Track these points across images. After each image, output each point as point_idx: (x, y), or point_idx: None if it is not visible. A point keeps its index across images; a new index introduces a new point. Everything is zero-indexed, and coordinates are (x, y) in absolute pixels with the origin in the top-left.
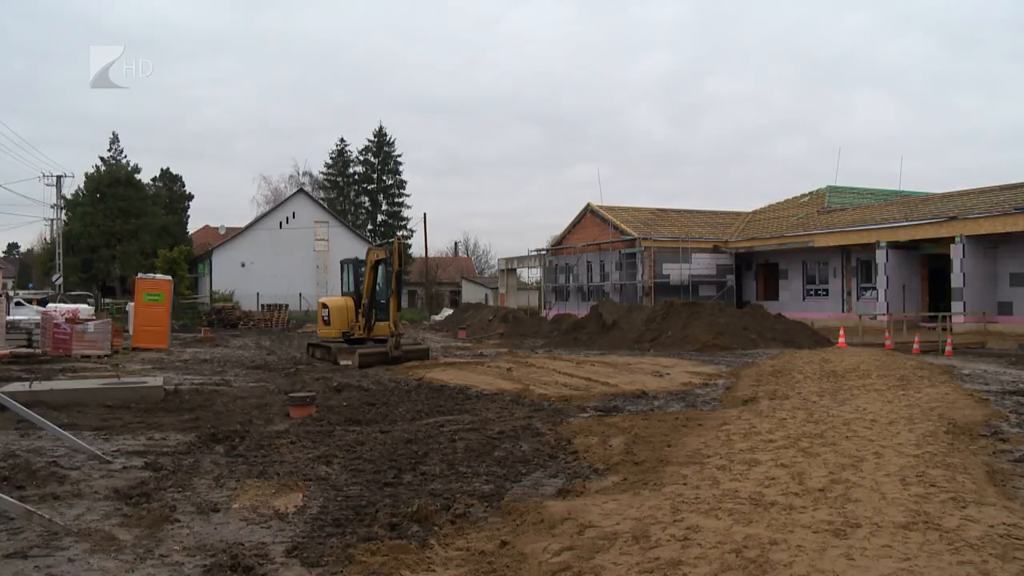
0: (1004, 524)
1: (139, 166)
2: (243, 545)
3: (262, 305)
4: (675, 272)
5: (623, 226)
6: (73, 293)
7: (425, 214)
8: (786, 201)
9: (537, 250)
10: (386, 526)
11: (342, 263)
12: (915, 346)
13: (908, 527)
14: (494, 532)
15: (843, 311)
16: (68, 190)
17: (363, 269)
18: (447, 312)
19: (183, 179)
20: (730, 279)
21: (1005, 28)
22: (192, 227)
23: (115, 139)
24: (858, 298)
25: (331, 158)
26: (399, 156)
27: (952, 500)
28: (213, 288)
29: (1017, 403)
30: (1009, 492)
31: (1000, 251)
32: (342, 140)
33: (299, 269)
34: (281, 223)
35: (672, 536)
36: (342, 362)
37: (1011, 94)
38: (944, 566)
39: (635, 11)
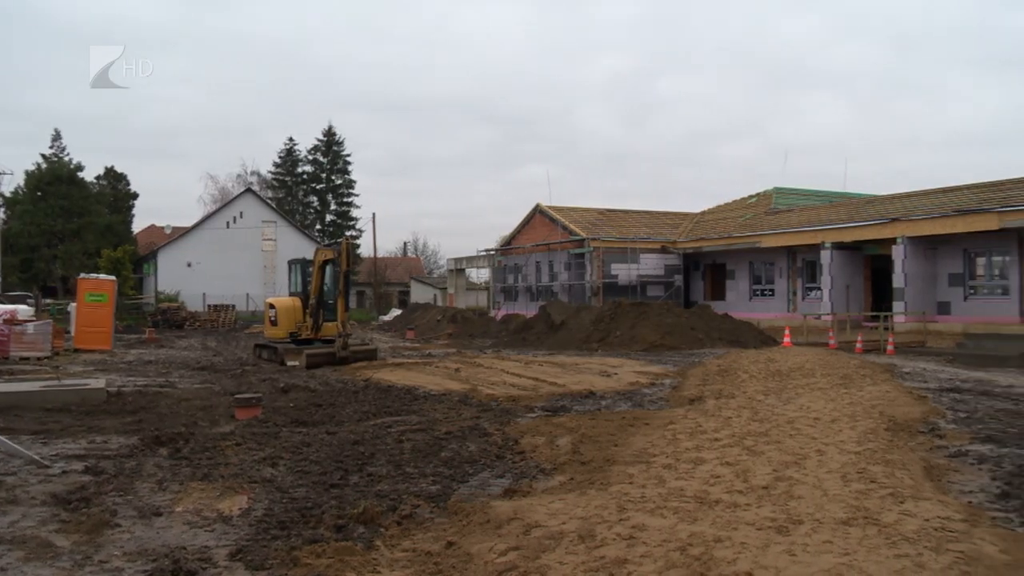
0: (939, 518)
1: (82, 164)
2: (185, 549)
3: (208, 305)
4: (624, 272)
5: (572, 226)
6: (12, 294)
7: (374, 214)
8: (734, 202)
9: (486, 250)
10: (332, 528)
11: (290, 263)
12: (858, 345)
13: (848, 523)
14: (440, 533)
15: (789, 311)
16: (7, 188)
17: (311, 269)
18: (396, 312)
19: (128, 178)
20: (678, 279)
21: (949, 36)
22: (137, 226)
23: (57, 136)
24: (803, 298)
25: (280, 157)
26: (348, 156)
27: (891, 496)
28: (158, 288)
29: (953, 400)
30: (944, 487)
31: (939, 252)
32: (291, 139)
33: (246, 269)
34: (228, 223)
35: (618, 535)
36: (289, 363)
37: (953, 100)
38: (882, 560)
39: (588, 11)
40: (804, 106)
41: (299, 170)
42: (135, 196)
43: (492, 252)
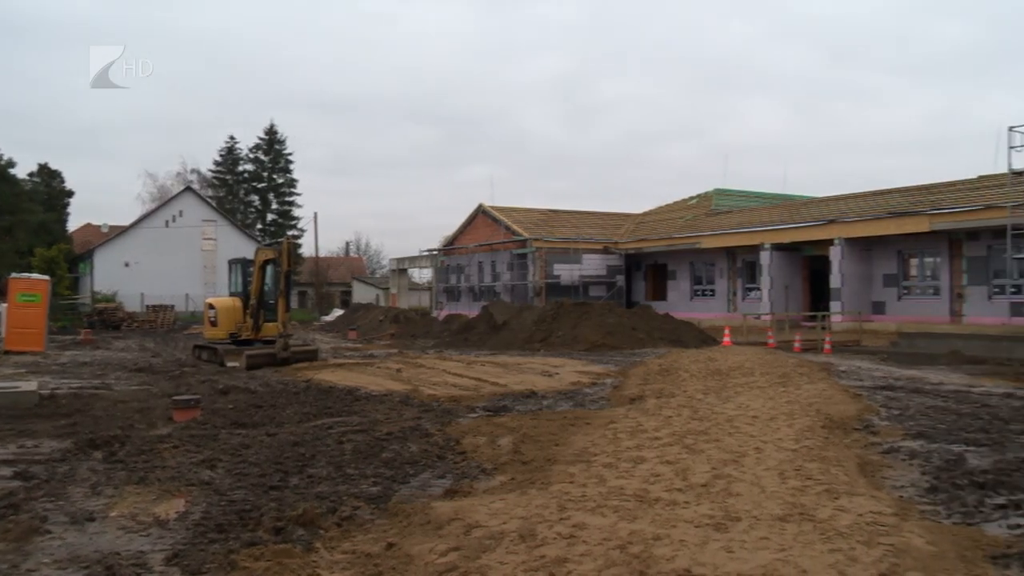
0: (871, 512)
1: (14, 160)
2: (119, 555)
3: (147, 306)
4: (566, 273)
5: (515, 227)
6: None
7: (316, 213)
8: (675, 203)
9: (429, 250)
10: (271, 530)
11: (230, 263)
12: (796, 344)
13: (785, 519)
14: (381, 534)
15: (729, 311)
16: None
17: (251, 269)
18: (338, 313)
19: (63, 175)
20: (620, 279)
21: (883, 42)
22: (72, 225)
23: None
24: (743, 298)
25: (220, 156)
26: (290, 154)
27: (826, 492)
28: (95, 288)
29: (887, 398)
30: (877, 482)
31: (874, 253)
32: (232, 138)
33: (186, 269)
34: (167, 221)
35: (558, 534)
36: (229, 364)
37: (887, 104)
38: (816, 554)
39: (530, 12)
40: (744, 108)
41: (240, 169)
42: (70, 194)
43: (435, 252)
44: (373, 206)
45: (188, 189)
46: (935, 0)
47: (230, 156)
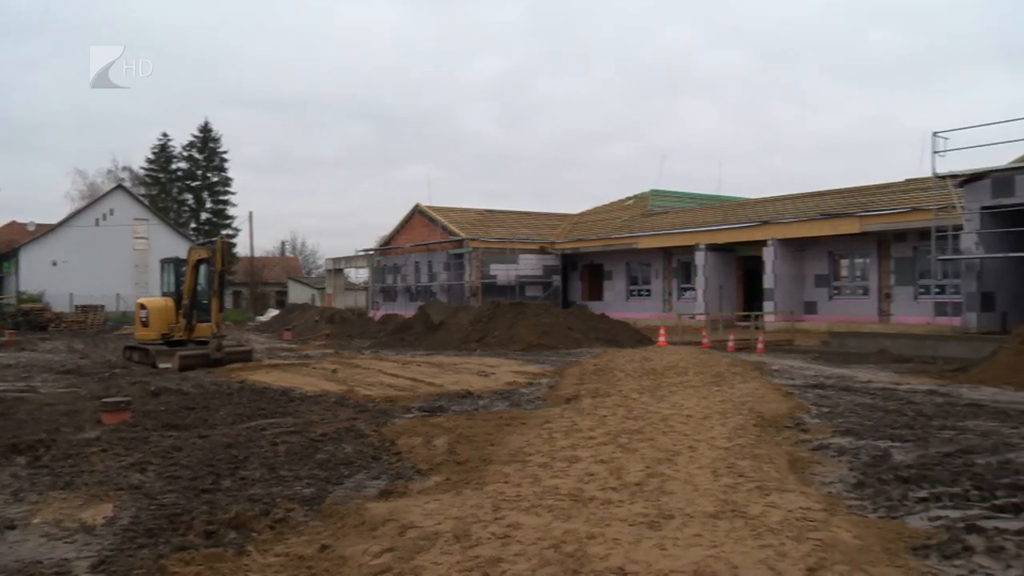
0: (801, 508)
1: None
2: (42, 563)
3: (76, 306)
4: (502, 273)
5: (451, 227)
6: None
7: (251, 212)
8: (611, 204)
9: (365, 250)
10: (202, 534)
11: (162, 262)
12: (730, 344)
13: (717, 516)
14: (314, 536)
15: (664, 311)
16: None
17: (184, 269)
18: (273, 313)
19: None
20: (556, 280)
21: (817, 46)
22: None
23: None
24: (678, 298)
25: (153, 153)
26: (225, 153)
27: (758, 489)
28: (20, 288)
29: (818, 396)
30: (807, 479)
31: (806, 254)
32: (165, 135)
33: (117, 268)
34: (98, 220)
35: (493, 534)
36: (161, 365)
37: (820, 107)
38: (747, 550)
39: (471, 12)
40: (680, 110)
41: (173, 167)
42: None
43: (371, 252)
44: (310, 205)
45: (119, 187)
46: (868, 7)
47: (163, 154)
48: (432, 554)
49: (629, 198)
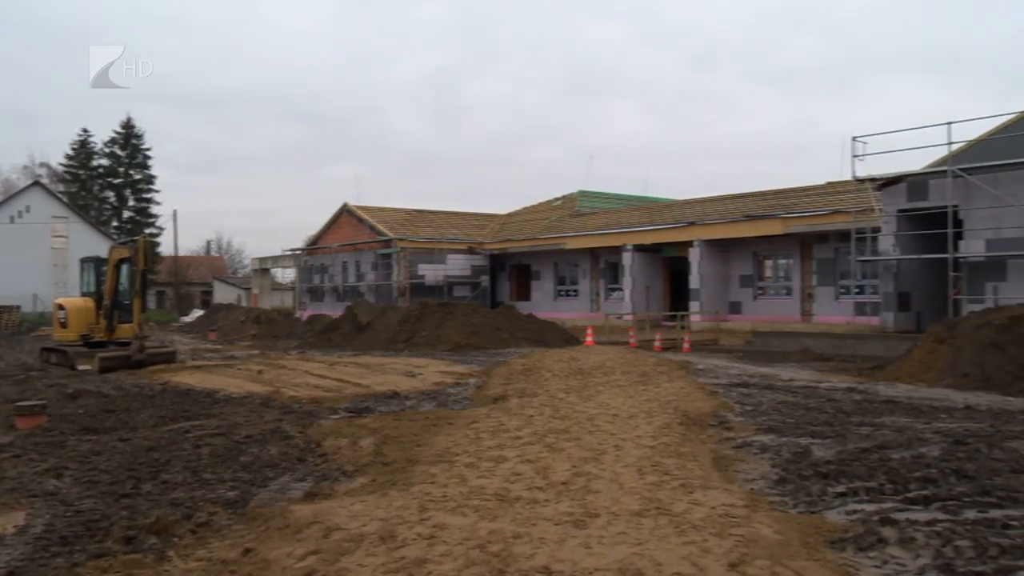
0: (724, 505)
1: None
2: None
3: None
4: (431, 273)
5: (379, 226)
6: None
7: (175, 211)
8: (540, 204)
9: (292, 250)
10: (120, 540)
11: (82, 261)
12: (656, 343)
13: (642, 514)
14: (238, 540)
15: (592, 311)
16: None
17: (105, 268)
18: (198, 313)
19: None
20: (484, 280)
21: (742, 51)
22: None
23: None
24: (606, 298)
25: (72, 149)
26: (148, 150)
27: (682, 486)
28: None
29: (741, 394)
30: (730, 476)
31: (731, 255)
32: (85, 131)
33: (34, 268)
34: (13, 217)
35: (418, 535)
36: (80, 367)
37: (744, 111)
38: (671, 547)
39: (399, 11)
40: (608, 112)
41: (94, 163)
42: None
43: (298, 252)
44: (236, 204)
45: (36, 183)
46: (791, 14)
47: (83, 150)
48: (357, 556)
49: (557, 199)
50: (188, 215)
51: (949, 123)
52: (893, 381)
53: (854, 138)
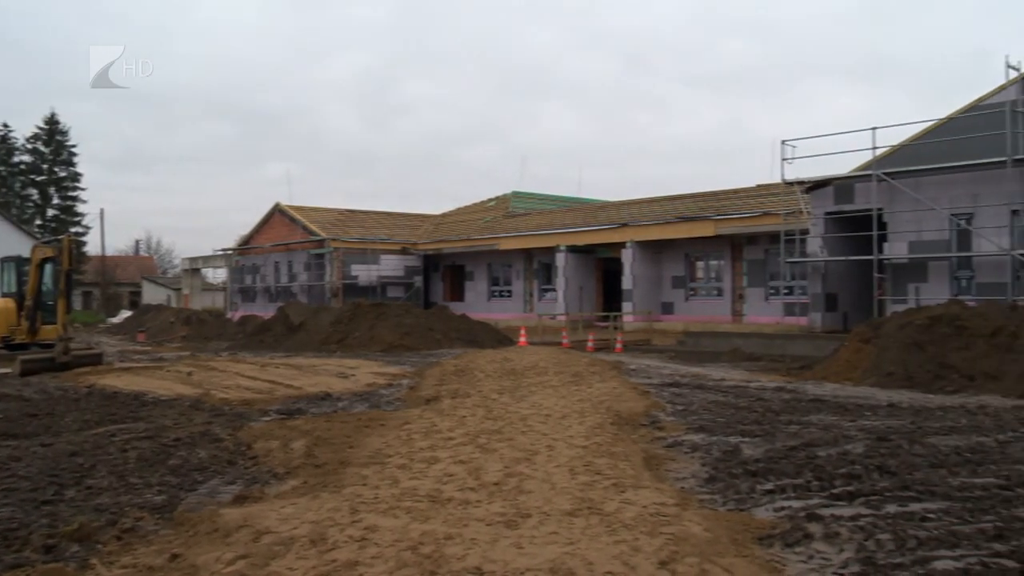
0: (655, 504)
1: None
2: None
3: None
4: (364, 273)
5: (312, 226)
6: None
7: (103, 209)
8: (473, 205)
9: (223, 250)
10: (40, 549)
11: (2, 261)
12: (589, 344)
13: (573, 513)
14: (164, 545)
15: (525, 311)
16: None
17: (27, 268)
18: (126, 314)
19: None
20: (418, 280)
21: (677, 54)
22: None
23: None
24: (539, 299)
25: None
26: (74, 146)
27: (614, 486)
28: None
29: (673, 394)
30: (662, 475)
31: (664, 255)
32: (5, 125)
33: None
34: None
35: (350, 537)
36: (0, 370)
37: (678, 114)
38: (602, 546)
39: (335, 9)
40: (543, 113)
41: (16, 160)
42: None
43: (229, 252)
44: (167, 203)
45: None
46: (724, 18)
47: (4, 146)
48: (287, 559)
49: (491, 200)
50: (116, 214)
51: (874, 128)
52: (821, 380)
53: (783, 142)
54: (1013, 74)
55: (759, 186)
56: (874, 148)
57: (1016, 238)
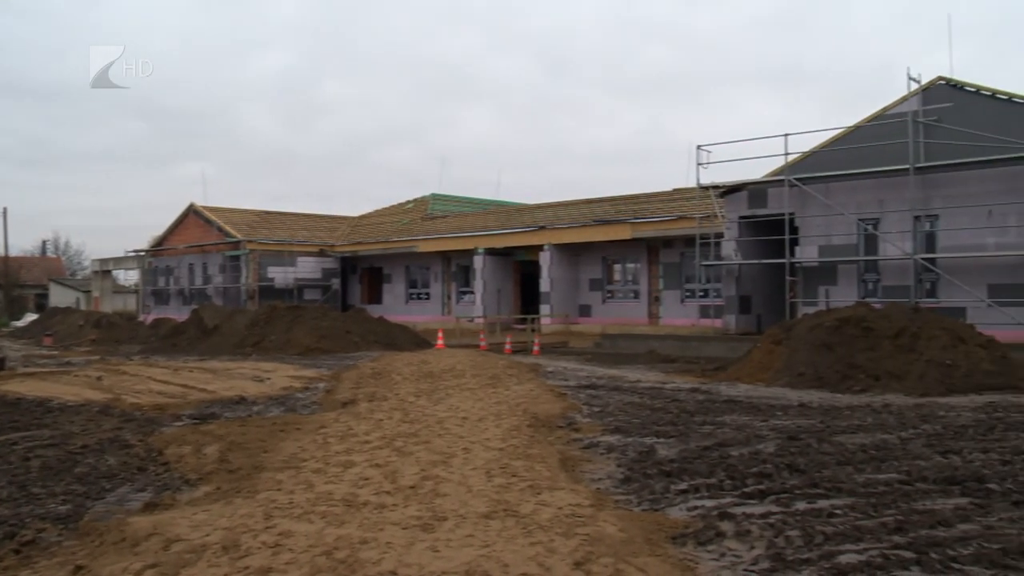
0: (570, 505)
1: None
2: None
3: None
4: (280, 275)
5: (228, 227)
6: None
7: (5, 209)
8: (392, 207)
9: (136, 251)
10: None
11: None
12: (507, 346)
13: (490, 516)
14: (68, 557)
15: (444, 314)
16: None
17: None
18: (31, 317)
19: None
20: (336, 283)
21: (597, 58)
22: None
23: None
24: (457, 301)
25: None
26: None
27: (530, 488)
28: None
29: (589, 396)
30: (577, 476)
31: (582, 259)
32: None
33: None
34: None
35: (263, 543)
36: None
37: (596, 118)
38: (518, 548)
39: (252, 6)
40: (463, 115)
41: None
42: None
43: (142, 253)
44: (76, 202)
45: None
46: (643, 25)
47: None
48: (198, 567)
49: (409, 202)
50: (21, 213)
51: (786, 135)
52: (734, 381)
53: (699, 147)
54: (914, 86)
55: (675, 190)
56: (786, 154)
57: (919, 243)
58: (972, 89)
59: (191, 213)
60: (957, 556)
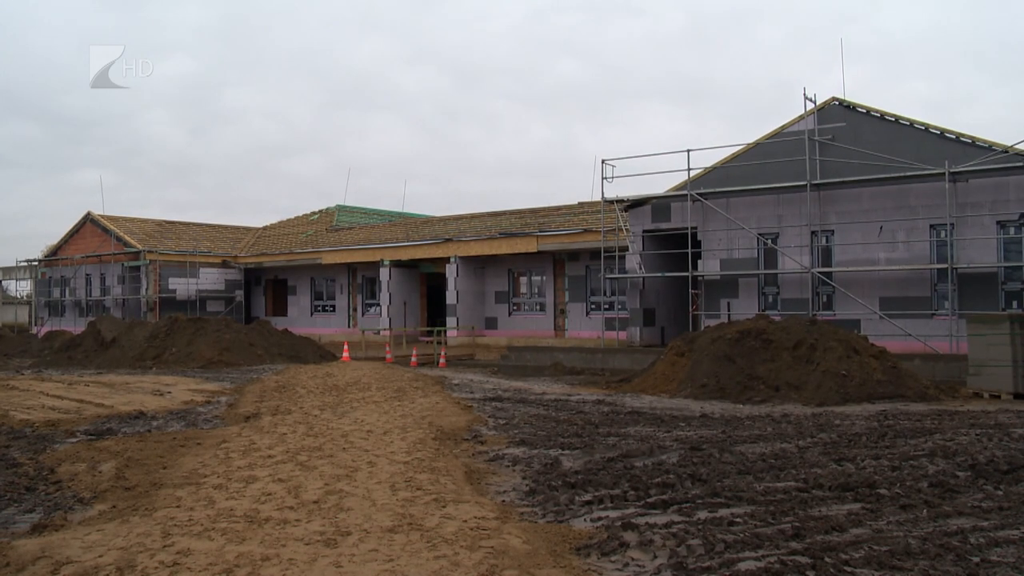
0: (475, 518)
1: None
2: None
3: None
4: (182, 287)
5: (127, 237)
6: None
7: None
8: (297, 218)
9: (28, 260)
10: None
11: None
12: (413, 359)
13: (394, 530)
14: None
15: (349, 326)
16: None
17: None
18: None
19: None
20: (239, 295)
21: (506, 71)
22: None
23: None
24: (363, 313)
25: None
26: None
27: (435, 501)
28: None
29: (495, 408)
30: (483, 489)
31: (487, 271)
32: None
33: None
34: None
35: (161, 562)
36: None
37: (504, 130)
38: (422, 562)
39: (153, 11)
40: (370, 126)
41: None
42: None
43: (35, 263)
44: None
45: None
46: (554, 40)
47: None
48: None
49: (314, 213)
50: None
51: (688, 150)
52: (639, 392)
53: (604, 161)
54: (811, 106)
55: (581, 203)
56: (688, 169)
57: (816, 257)
58: (863, 110)
59: (88, 222)
60: (849, 560)
